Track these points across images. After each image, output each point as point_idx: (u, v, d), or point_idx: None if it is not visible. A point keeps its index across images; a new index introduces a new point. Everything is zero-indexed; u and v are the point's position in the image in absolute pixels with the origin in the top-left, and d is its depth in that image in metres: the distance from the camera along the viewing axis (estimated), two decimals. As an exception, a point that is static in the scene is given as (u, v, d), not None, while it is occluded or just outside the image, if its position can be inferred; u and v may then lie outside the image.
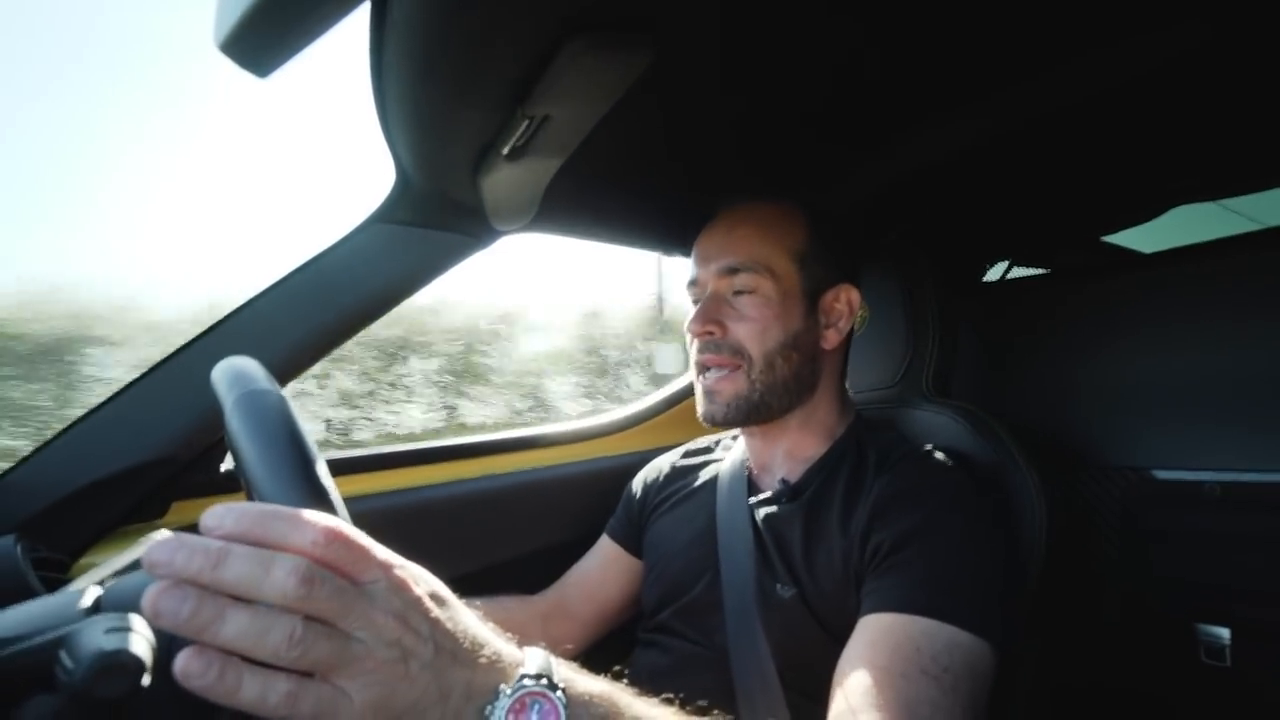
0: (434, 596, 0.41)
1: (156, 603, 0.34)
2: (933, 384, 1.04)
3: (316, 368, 1.00)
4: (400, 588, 0.39)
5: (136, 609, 0.40)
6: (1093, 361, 1.20)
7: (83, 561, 0.84)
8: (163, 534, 0.59)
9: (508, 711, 0.39)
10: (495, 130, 0.77)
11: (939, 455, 0.86)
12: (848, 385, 0.99)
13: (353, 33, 0.60)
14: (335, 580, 0.37)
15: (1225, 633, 1.02)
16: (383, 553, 0.40)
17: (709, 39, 0.72)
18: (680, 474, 1.06)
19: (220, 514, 0.37)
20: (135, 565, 0.54)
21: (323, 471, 0.46)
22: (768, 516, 0.88)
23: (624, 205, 1.10)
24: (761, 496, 0.91)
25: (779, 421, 0.92)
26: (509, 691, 0.39)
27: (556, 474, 1.28)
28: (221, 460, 0.97)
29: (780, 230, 0.91)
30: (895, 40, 0.77)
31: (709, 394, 0.91)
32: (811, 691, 0.75)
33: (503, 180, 0.86)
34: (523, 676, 0.40)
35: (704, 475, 1.02)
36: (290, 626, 0.35)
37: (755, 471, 0.97)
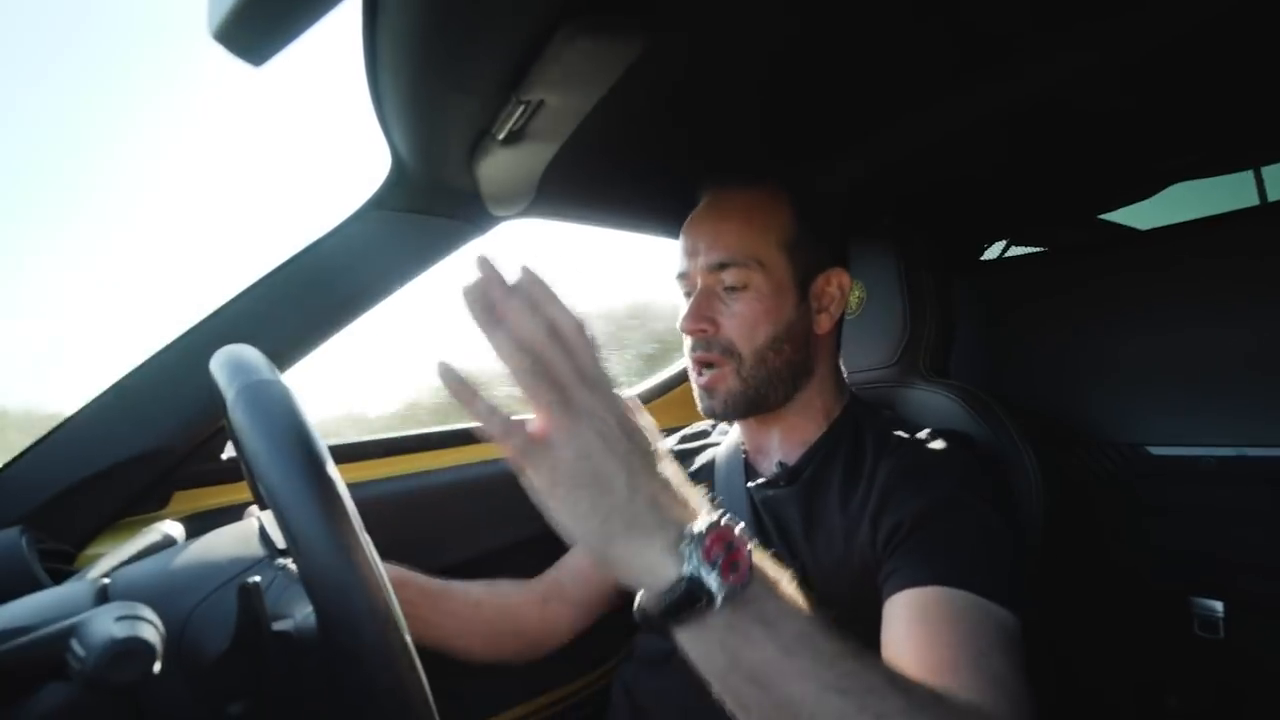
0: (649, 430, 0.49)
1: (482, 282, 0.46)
2: (930, 363, 1.04)
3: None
4: (621, 402, 0.47)
5: (144, 598, 0.40)
6: (1090, 338, 1.20)
7: (88, 552, 0.85)
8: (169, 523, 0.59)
9: (708, 535, 0.44)
10: (490, 116, 0.77)
11: (941, 435, 0.85)
12: (844, 366, 0.99)
13: (346, 19, 0.60)
14: (570, 353, 0.45)
15: (1219, 605, 1.03)
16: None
17: (703, 23, 0.71)
18: (678, 460, 1.05)
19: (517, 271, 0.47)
20: (140, 555, 0.55)
21: (331, 470, 0.46)
22: (766, 500, 0.88)
23: (621, 189, 1.10)
24: (760, 481, 0.91)
25: (776, 409, 0.92)
26: (710, 523, 0.45)
27: None
28: (222, 448, 0.98)
29: (767, 219, 0.89)
30: (891, 19, 0.77)
31: (705, 391, 0.90)
32: None
33: (499, 165, 0.86)
34: (723, 517, 0.46)
35: (701, 460, 1.02)
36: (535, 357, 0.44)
37: (751, 455, 0.96)
